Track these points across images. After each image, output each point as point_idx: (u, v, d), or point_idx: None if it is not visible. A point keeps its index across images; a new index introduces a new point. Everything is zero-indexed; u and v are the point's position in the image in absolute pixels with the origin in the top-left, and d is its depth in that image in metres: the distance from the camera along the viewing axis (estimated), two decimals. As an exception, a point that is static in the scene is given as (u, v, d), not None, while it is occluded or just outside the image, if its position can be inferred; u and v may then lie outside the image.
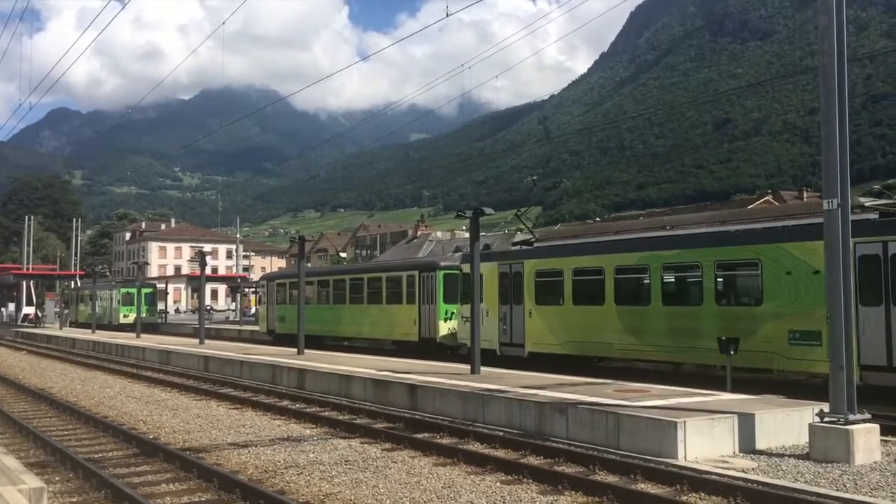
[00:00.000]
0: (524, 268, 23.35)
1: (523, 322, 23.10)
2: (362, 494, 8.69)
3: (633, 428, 10.66)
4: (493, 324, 24.07)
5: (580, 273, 21.63)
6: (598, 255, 21.32)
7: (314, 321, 34.14)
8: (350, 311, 33.61)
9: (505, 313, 23.86)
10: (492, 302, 24.20)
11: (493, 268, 24.39)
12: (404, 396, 15.42)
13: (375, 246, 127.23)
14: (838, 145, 10.45)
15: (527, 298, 23.10)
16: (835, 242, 10.37)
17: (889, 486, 8.57)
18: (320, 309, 35.27)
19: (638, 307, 20.05)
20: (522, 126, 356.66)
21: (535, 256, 23.30)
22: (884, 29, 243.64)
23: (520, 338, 23.24)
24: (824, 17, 10.64)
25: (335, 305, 34.67)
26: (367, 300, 32.36)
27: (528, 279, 23.14)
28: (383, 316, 31.24)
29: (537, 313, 22.76)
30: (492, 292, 24.24)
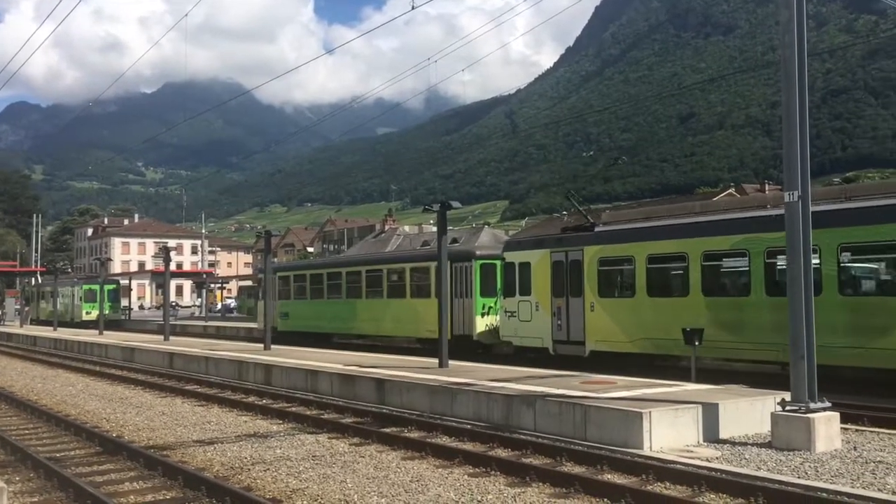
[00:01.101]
0: (584, 255, 20.60)
1: (583, 317, 20.41)
2: (330, 490, 8.65)
3: (600, 419, 10.74)
4: (543, 319, 21.51)
5: (657, 260, 18.99)
6: (680, 240, 18.55)
7: (322, 318, 32.39)
8: (367, 307, 30.25)
9: (559, 307, 21.15)
10: (542, 294, 21.66)
11: (543, 256, 21.80)
12: (372, 391, 15.38)
13: (343, 241, 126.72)
14: (799, 139, 10.60)
15: (588, 290, 20.41)
16: (795, 234, 10.53)
17: (849, 473, 8.73)
18: (331, 304, 32.27)
19: (734, 298, 17.60)
20: (489, 120, 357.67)
21: (598, 242, 20.51)
22: (843, 24, 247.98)
23: (579, 335, 20.52)
24: (785, 11, 10.77)
25: (349, 300, 31.27)
26: (388, 294, 29.14)
27: (588, 268, 20.44)
28: (407, 311, 28.12)
29: (601, 307, 20.05)
30: (542, 283, 21.67)
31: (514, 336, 22.71)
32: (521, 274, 22.37)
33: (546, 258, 21.75)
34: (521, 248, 23.10)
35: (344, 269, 32.59)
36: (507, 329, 23.07)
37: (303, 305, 34.18)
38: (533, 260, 21.99)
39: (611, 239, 20.40)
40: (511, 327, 22.76)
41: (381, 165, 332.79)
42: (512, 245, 24.11)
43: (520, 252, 22.85)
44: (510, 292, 22.76)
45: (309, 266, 36.35)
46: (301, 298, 34.46)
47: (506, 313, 23.08)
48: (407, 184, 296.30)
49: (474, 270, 25.63)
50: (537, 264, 21.92)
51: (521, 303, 22.26)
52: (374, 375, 15.73)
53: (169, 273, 33.82)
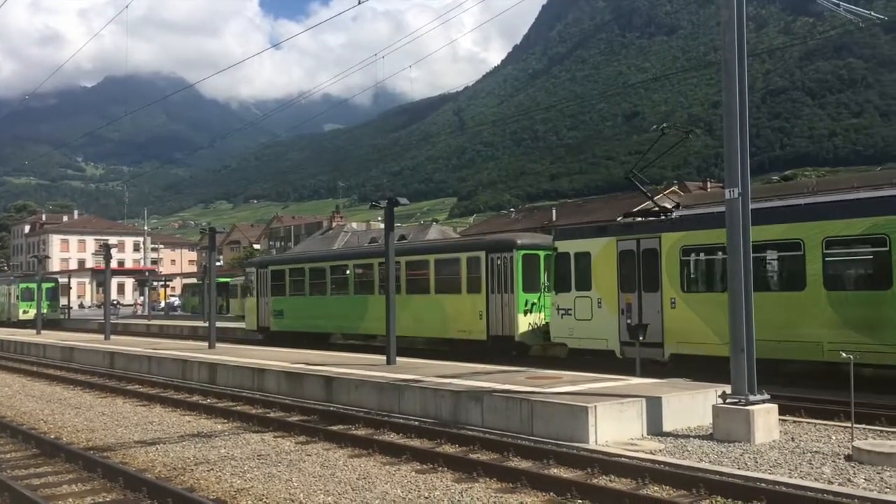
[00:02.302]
0: (661, 243, 17.99)
1: (661, 315, 17.86)
2: (275, 489, 8.55)
3: (547, 414, 10.82)
4: (608, 318, 18.98)
5: (761, 248, 16.05)
6: (794, 224, 16.01)
7: (324, 316, 29.31)
8: (381, 304, 26.41)
9: (629, 304, 18.63)
10: (606, 289, 19.13)
11: (607, 245, 19.20)
12: (319, 389, 15.25)
13: (290, 237, 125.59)
14: (739, 137, 10.84)
15: (667, 283, 17.89)
16: (736, 229, 10.77)
17: (787, 464, 8.97)
18: (336, 301, 28.82)
19: (867, 293, 15.17)
20: (437, 117, 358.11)
21: (681, 228, 17.91)
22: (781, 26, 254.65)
23: (656, 335, 17.91)
24: (726, 11, 11.00)
25: (358, 296, 27.97)
26: (406, 289, 25.79)
27: (667, 259, 17.91)
28: (431, 309, 24.94)
29: (685, 303, 17.54)
30: (606, 277, 19.15)
31: (568, 337, 20.09)
32: (579, 266, 19.83)
33: (611, 247, 19.14)
34: (579, 235, 20.66)
35: (351, 262, 29.24)
36: (559, 329, 20.40)
37: (301, 302, 30.77)
38: (594, 249, 19.44)
39: (698, 224, 17.63)
40: (565, 327, 20.15)
41: (328, 162, 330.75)
42: (566, 233, 21.65)
43: (577, 241, 20.22)
44: (564, 287, 20.14)
45: (309, 258, 32.48)
46: (298, 294, 30.96)
47: (558, 311, 20.29)
48: (355, 180, 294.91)
49: (516, 262, 22.49)
50: (600, 254, 19.30)
51: (579, 299, 19.73)
52: (321, 373, 15.61)
53: (110, 271, 33.03)
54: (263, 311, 32.62)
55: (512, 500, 7.93)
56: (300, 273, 31.10)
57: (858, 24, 15.12)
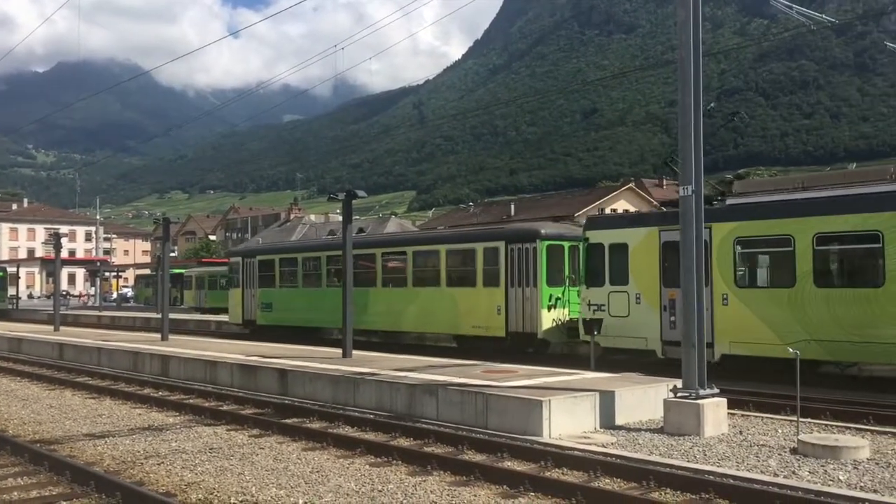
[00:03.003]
0: (712, 234, 16.59)
1: (711, 312, 16.45)
2: (227, 482, 8.46)
3: (501, 407, 10.88)
4: (648, 315, 17.64)
5: (830, 240, 15.16)
6: (869, 214, 14.68)
7: (319, 310, 27.42)
8: (383, 297, 25.36)
9: (673, 300, 17.09)
10: (646, 284, 17.73)
11: (648, 236, 17.77)
12: (274, 381, 15.13)
13: (247, 229, 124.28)
14: (693, 136, 11.00)
15: (718, 278, 16.59)
16: (689, 226, 10.93)
17: (734, 456, 9.15)
18: (332, 294, 26.31)
19: None
20: (397, 110, 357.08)
21: (735, 218, 16.64)
22: (737, 27, 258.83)
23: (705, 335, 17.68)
24: (682, 11, 11.14)
25: (358, 289, 25.12)
26: (413, 282, 24.24)
27: (719, 250, 16.61)
28: (442, 303, 23.30)
29: (740, 300, 16.29)
30: (646, 270, 17.73)
31: (601, 335, 18.18)
32: (614, 258, 18.45)
33: (652, 238, 17.69)
34: (615, 225, 19.35)
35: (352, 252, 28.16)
36: None
37: (292, 295, 28.92)
38: (632, 241, 18.06)
39: (755, 213, 16.46)
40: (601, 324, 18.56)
41: (287, 153, 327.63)
42: (599, 222, 20.06)
43: (612, 231, 18.81)
44: (596, 281, 18.77)
45: (303, 247, 30.40)
46: (289, 286, 29.15)
47: (590, 307, 18.88)
48: (313, 172, 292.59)
49: (539, 254, 20.88)
50: (639, 246, 17.90)
51: (614, 294, 18.37)
52: (276, 366, 15.48)
53: (60, 260, 32.34)
54: (249, 303, 30.82)
55: (465, 493, 7.97)
56: (292, 263, 29.28)
57: (810, 27, 15.45)
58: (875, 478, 8.08)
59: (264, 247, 37.43)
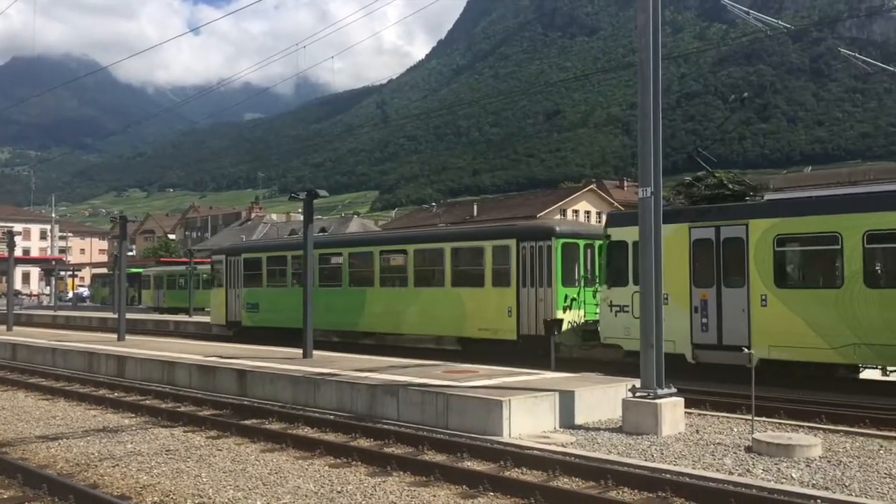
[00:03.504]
0: (749, 231, 15.85)
1: (748, 314, 15.70)
2: (183, 484, 8.36)
3: (462, 408, 10.90)
4: (676, 316, 16.40)
5: (884, 238, 14.27)
6: None
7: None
8: (382, 297, 24.10)
9: (704, 300, 16.37)
10: (674, 283, 16.29)
11: (677, 232, 16.64)
12: (233, 382, 14.98)
13: (207, 228, 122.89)
14: (652, 138, 11.13)
15: (756, 277, 15.72)
16: (648, 227, 11.07)
17: (691, 455, 9.27)
18: (325, 294, 24.70)
19: None
20: (360, 109, 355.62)
21: (775, 214, 15.77)
22: (696, 31, 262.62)
23: (740, 337, 15.69)
24: (642, 15, 11.26)
25: (354, 289, 24.89)
26: (415, 281, 23.09)
27: (757, 248, 15.76)
28: (446, 305, 22.13)
29: (780, 301, 15.39)
30: (674, 269, 16.33)
31: (624, 338, 17.40)
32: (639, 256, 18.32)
33: (681, 235, 16.77)
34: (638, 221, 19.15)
35: (346, 250, 25.87)
36: (612, 329, 17.89)
37: (281, 295, 27.14)
38: None
39: (798, 210, 15.65)
40: (619, 326, 17.65)
41: (248, 151, 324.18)
42: (622, 218, 18.91)
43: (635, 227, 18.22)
44: (619, 280, 17.78)
45: (291, 245, 28.90)
46: (278, 286, 27.51)
47: (611, 308, 17.86)
48: (275, 171, 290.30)
49: (554, 252, 19.86)
50: (666, 243, 17.13)
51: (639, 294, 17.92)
52: (235, 366, 15.33)
53: (13, 259, 31.68)
54: (234, 304, 29.16)
55: (425, 493, 7.96)
56: (281, 261, 27.75)
57: (767, 32, 15.74)
58: (827, 476, 8.24)
59: (250, 244, 36.26)
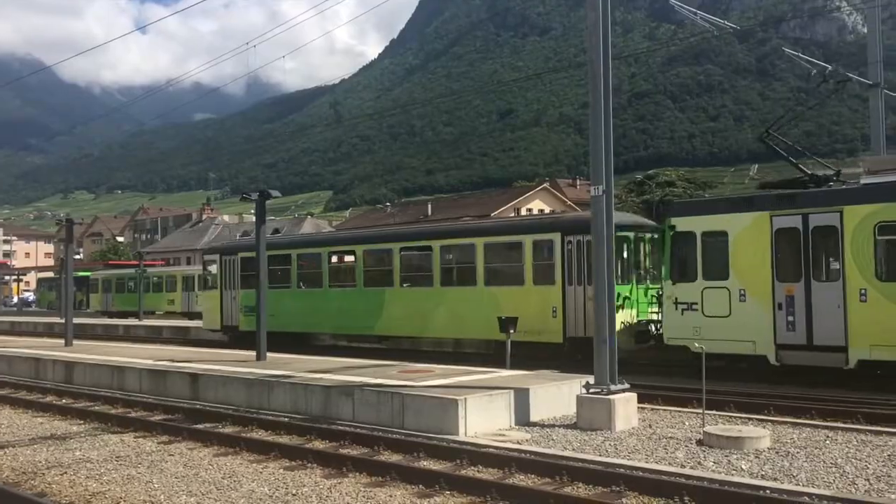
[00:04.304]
0: (844, 219, 14.56)
1: (843, 311, 14.42)
2: (134, 491, 8.20)
3: (417, 407, 10.89)
4: (757, 314, 15.32)
5: None
6: None
7: (319, 314, 24.43)
8: (403, 298, 22.43)
9: (789, 296, 15.03)
10: (753, 278, 15.42)
11: (755, 222, 15.48)
12: (185, 386, 14.75)
13: (157, 230, 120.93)
14: (604, 137, 11.24)
15: (852, 270, 14.44)
16: (600, 224, 11.16)
17: (644, 449, 9.40)
18: (337, 295, 23.83)
19: None
20: (313, 109, 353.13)
21: (876, 199, 14.39)
22: (646, 31, 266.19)
23: (834, 337, 14.48)
24: (592, 14, 11.36)
25: (370, 290, 23.14)
26: (441, 280, 21.33)
27: (854, 237, 14.41)
28: (479, 305, 20.33)
29: (885, 295, 14.08)
30: (753, 262, 15.44)
31: (693, 338, 16.00)
32: (710, 249, 16.23)
33: (761, 225, 15.43)
34: (710, 210, 16.86)
35: (361, 248, 23.84)
36: (678, 329, 16.48)
37: (285, 297, 25.33)
38: (733, 227, 15.78)
39: None
40: (687, 326, 16.26)
41: (198, 152, 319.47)
42: (688, 207, 17.53)
43: (706, 217, 16.52)
44: (686, 275, 16.46)
45: (297, 243, 27.02)
46: (281, 287, 25.45)
47: (676, 306, 16.51)
48: (227, 172, 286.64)
49: None
50: (743, 234, 15.67)
51: (710, 290, 16.06)
52: (186, 370, 15.09)
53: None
54: (230, 307, 27.12)
55: (381, 493, 7.94)
56: (284, 261, 25.86)
57: (713, 33, 16.03)
58: (775, 466, 8.42)
59: (248, 242, 34.31)
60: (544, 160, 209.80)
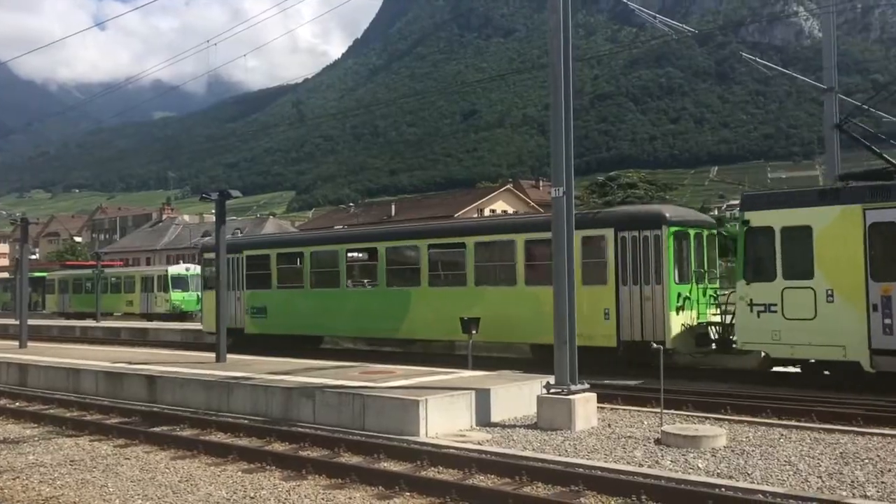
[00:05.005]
0: None
1: None
2: (88, 495, 8.06)
3: (378, 408, 10.85)
4: (845, 316, 14.08)
5: None
6: None
7: (335, 316, 22.73)
8: (430, 299, 20.71)
9: (888, 297, 13.82)
10: (842, 276, 14.23)
11: (845, 215, 14.29)
12: (142, 389, 14.52)
13: (115, 230, 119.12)
14: (564, 138, 11.31)
15: None
16: (561, 226, 11.23)
17: (603, 449, 9.48)
18: (355, 296, 22.51)
19: None
20: (276, 108, 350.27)
21: None
22: (608, 34, 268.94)
23: None
24: (553, 17, 11.43)
25: (394, 290, 21.49)
26: (476, 280, 19.73)
27: None
28: (517, 306, 18.84)
29: None
30: (841, 259, 14.27)
31: (771, 343, 14.91)
32: (790, 245, 14.91)
33: (852, 218, 14.17)
34: (790, 203, 15.31)
35: (384, 245, 22.16)
36: (754, 332, 15.10)
37: (296, 298, 23.94)
38: (818, 222, 14.50)
39: None
40: (764, 329, 14.94)
41: (158, 151, 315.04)
42: (765, 200, 15.91)
43: (786, 211, 15.10)
44: (762, 274, 15.09)
45: (310, 240, 25.22)
46: (293, 287, 24.04)
47: (752, 307, 15.15)
48: (187, 171, 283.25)
49: (665, 242, 17.02)
50: (831, 229, 14.43)
51: (791, 291, 14.75)
52: (144, 372, 14.87)
53: None
54: (234, 308, 25.42)
55: (340, 495, 7.90)
56: (295, 259, 24.30)
57: (672, 36, 16.24)
58: (731, 465, 8.55)
59: (254, 239, 32.56)
60: (507, 161, 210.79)
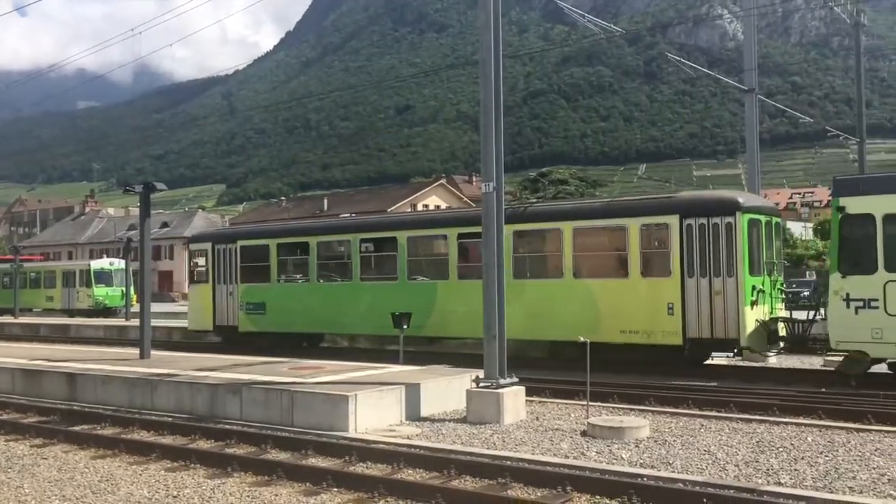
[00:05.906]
0: None
1: None
2: (2, 497, 7.78)
3: (307, 404, 10.76)
4: None
5: None
6: None
7: (344, 310, 20.82)
8: (461, 293, 18.66)
9: None
10: None
11: None
12: (62, 386, 14.08)
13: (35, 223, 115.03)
14: (494, 134, 11.39)
15: None
16: (491, 221, 11.32)
17: (530, 441, 9.60)
18: (371, 290, 20.50)
19: None
20: (205, 100, 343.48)
21: None
22: (541, 32, 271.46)
23: None
24: (483, 14, 11.50)
25: (415, 282, 19.76)
26: (514, 272, 17.50)
27: None
28: (566, 301, 17.29)
29: None
30: None
31: (872, 342, 13.64)
32: (893, 234, 13.60)
33: None
34: (890, 188, 13.92)
35: (404, 234, 20.12)
36: (851, 330, 13.76)
37: (300, 292, 22.12)
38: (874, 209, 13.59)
39: None
40: (863, 327, 13.63)
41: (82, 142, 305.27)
42: (864, 185, 14.43)
43: (886, 197, 13.75)
44: (861, 267, 13.81)
45: (317, 229, 22.99)
46: (297, 280, 22.43)
47: (848, 303, 13.82)
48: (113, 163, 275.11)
49: (739, 231, 15.61)
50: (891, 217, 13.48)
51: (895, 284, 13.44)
52: (63, 370, 14.41)
53: None
54: (226, 304, 23.33)
55: (266, 492, 7.81)
56: (299, 249, 22.30)
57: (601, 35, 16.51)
58: (653, 455, 8.77)
59: (250, 229, 30.51)
60: (441, 156, 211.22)
